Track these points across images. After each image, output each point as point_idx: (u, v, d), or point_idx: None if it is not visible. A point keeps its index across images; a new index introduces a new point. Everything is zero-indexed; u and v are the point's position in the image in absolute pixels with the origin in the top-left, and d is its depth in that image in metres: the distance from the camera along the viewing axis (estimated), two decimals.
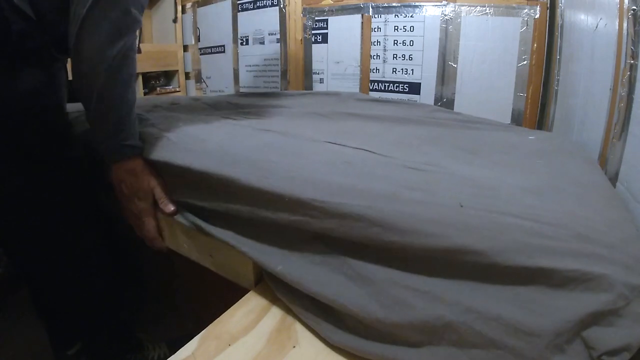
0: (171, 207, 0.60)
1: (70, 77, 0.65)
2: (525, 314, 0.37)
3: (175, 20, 1.64)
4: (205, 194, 0.56)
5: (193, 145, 0.60)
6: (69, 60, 0.69)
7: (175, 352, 0.43)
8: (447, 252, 0.40)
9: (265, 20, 1.42)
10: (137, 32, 0.58)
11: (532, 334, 0.36)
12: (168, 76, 1.75)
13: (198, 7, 1.62)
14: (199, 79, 1.71)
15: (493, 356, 0.37)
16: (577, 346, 0.36)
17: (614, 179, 0.64)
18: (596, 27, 0.76)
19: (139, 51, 0.64)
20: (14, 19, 0.53)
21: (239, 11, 1.50)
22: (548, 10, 0.99)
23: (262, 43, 1.45)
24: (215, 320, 0.48)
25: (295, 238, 0.50)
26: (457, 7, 1.08)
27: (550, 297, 0.38)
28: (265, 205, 0.50)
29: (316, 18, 1.30)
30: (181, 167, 0.56)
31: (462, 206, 0.44)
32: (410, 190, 0.47)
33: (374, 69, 1.24)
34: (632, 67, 0.60)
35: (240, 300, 0.51)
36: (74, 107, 0.67)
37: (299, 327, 0.47)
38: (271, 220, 0.50)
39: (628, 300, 0.36)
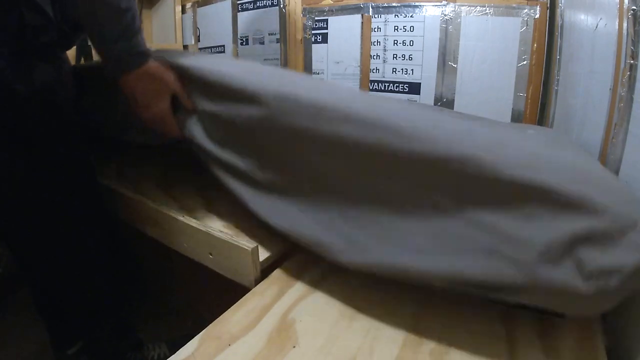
0: (190, 102, 0.61)
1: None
2: (520, 226, 0.40)
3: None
4: (221, 97, 0.59)
5: (211, 64, 0.62)
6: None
7: (175, 352, 0.43)
8: (455, 162, 0.42)
9: (265, 20, 1.42)
10: None
11: (524, 244, 0.38)
12: None
13: (198, 7, 1.62)
14: None
15: (489, 260, 0.40)
16: (569, 261, 0.37)
17: None
18: (596, 27, 0.76)
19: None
20: (28, 13, 0.53)
21: (239, 11, 1.49)
22: (548, 10, 0.99)
23: (262, 43, 1.45)
24: (215, 320, 0.48)
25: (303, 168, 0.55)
26: (457, 7, 1.08)
27: (548, 213, 0.39)
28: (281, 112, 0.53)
29: (316, 18, 1.30)
30: (197, 73, 0.59)
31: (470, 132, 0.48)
32: (425, 120, 0.51)
33: (374, 68, 1.24)
34: (632, 67, 0.60)
35: (240, 300, 0.51)
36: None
37: (299, 327, 0.47)
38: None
39: (624, 229, 0.37)
